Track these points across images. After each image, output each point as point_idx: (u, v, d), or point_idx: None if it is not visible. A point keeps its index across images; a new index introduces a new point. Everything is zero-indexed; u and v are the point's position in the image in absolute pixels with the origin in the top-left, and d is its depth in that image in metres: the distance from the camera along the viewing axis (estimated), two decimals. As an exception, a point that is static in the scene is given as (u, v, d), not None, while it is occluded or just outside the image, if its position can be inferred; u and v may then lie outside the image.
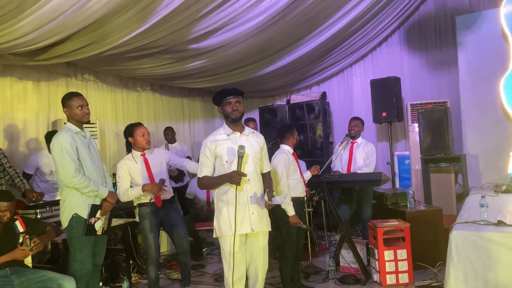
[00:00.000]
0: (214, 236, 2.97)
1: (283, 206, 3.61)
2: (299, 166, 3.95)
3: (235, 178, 2.75)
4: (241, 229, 2.85)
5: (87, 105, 3.18)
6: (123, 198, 3.67)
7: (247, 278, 3.07)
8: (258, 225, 2.89)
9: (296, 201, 3.74)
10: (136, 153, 3.85)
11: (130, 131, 3.85)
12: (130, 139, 3.84)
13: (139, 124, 3.90)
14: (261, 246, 2.97)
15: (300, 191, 3.84)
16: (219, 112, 3.04)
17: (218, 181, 2.89)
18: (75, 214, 3.07)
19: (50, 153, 4.25)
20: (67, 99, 3.16)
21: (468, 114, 5.72)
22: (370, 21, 6.17)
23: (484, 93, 5.57)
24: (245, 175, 2.79)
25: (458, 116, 5.90)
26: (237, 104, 2.90)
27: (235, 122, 2.94)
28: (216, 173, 2.96)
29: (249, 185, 2.89)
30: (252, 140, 2.98)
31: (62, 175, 3.03)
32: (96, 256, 3.28)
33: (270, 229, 2.99)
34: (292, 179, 3.77)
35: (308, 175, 4.25)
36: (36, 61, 4.32)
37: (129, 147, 3.92)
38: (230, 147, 2.89)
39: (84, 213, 3.07)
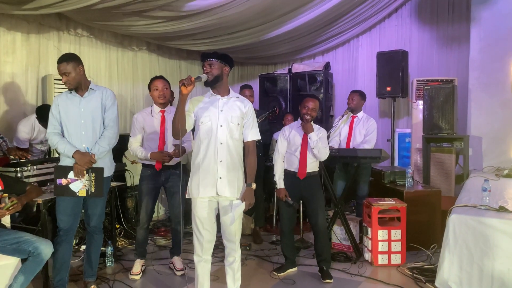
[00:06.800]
0: (187, 197, 2.88)
1: (275, 178, 3.70)
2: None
3: (186, 80, 2.54)
4: (206, 192, 2.72)
5: (67, 74, 3.02)
6: (133, 156, 3.74)
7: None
8: (224, 190, 2.71)
9: (291, 175, 3.67)
10: (156, 108, 3.73)
11: (149, 84, 3.76)
12: (150, 93, 3.75)
13: (157, 77, 3.76)
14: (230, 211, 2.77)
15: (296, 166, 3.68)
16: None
17: (179, 103, 2.63)
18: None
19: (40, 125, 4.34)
20: None
21: (475, 94, 5.54)
22: (381, -10, 5.87)
23: (494, 72, 5.38)
24: (191, 82, 2.55)
25: (464, 95, 5.70)
26: (209, 67, 2.73)
27: (210, 85, 2.77)
28: (195, 134, 2.85)
29: (220, 148, 2.71)
30: (234, 104, 2.79)
31: None
32: (88, 218, 3.28)
33: (237, 197, 2.76)
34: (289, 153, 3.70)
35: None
36: (24, 10, 4.05)
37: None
38: (208, 109, 2.75)
39: None
